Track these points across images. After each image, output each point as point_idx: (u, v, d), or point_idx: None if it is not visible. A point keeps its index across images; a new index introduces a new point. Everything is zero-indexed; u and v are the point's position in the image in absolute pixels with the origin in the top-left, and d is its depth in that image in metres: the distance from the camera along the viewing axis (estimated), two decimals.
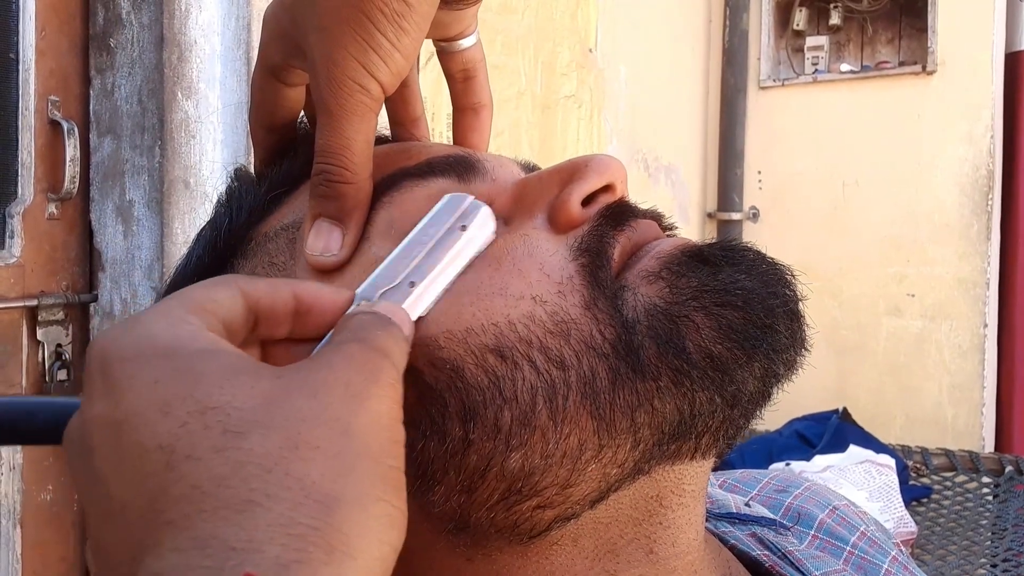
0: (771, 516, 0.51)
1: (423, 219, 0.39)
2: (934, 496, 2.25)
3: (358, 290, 0.37)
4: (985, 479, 2.31)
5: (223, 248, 0.44)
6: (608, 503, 0.38)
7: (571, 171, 0.40)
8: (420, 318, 0.37)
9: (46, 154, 1.32)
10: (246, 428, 0.27)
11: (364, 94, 0.38)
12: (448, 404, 0.36)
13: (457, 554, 0.38)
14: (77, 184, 1.34)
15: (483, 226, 0.38)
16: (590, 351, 0.36)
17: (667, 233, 0.42)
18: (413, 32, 0.38)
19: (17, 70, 1.28)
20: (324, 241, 0.39)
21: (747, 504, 0.51)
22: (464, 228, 0.38)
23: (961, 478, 2.30)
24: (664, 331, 0.36)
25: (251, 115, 0.46)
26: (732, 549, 0.48)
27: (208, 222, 0.46)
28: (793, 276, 0.39)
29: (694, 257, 0.38)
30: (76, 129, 1.33)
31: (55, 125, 1.32)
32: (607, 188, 0.40)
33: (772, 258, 0.40)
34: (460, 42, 0.46)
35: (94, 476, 0.29)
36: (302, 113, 0.47)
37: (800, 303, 0.39)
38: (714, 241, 0.40)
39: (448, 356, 0.36)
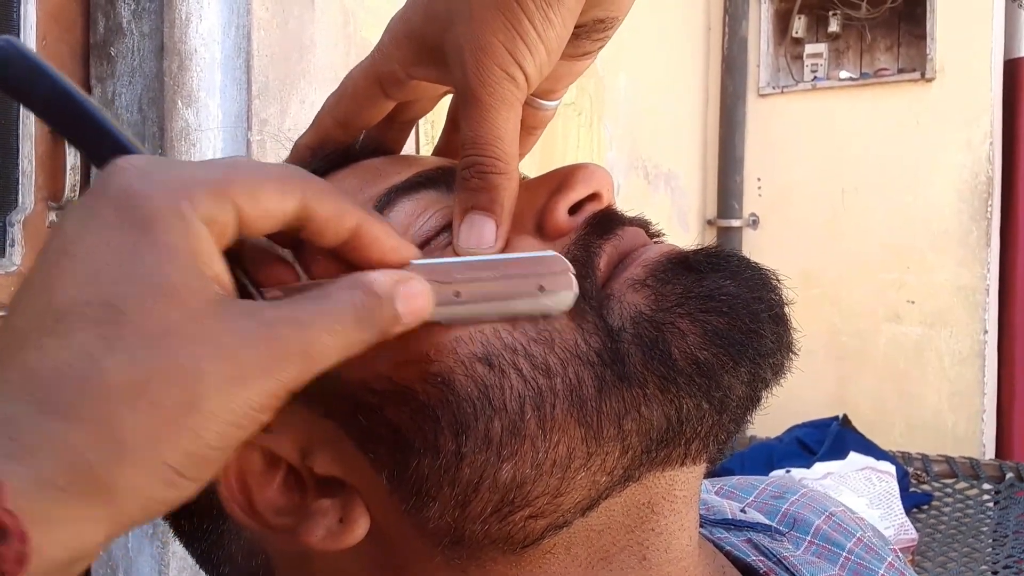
0: (767, 522, 0.51)
1: (522, 253, 0.38)
2: (934, 503, 2.25)
3: (414, 260, 0.36)
4: (986, 486, 2.30)
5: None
6: (600, 511, 0.38)
7: (558, 180, 0.40)
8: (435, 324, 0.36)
9: (46, 162, 1.32)
10: (118, 347, 0.27)
11: (511, 83, 0.37)
12: (440, 419, 0.36)
13: (452, 567, 0.39)
14: (78, 192, 1.34)
15: (558, 303, 0.37)
16: (575, 359, 0.36)
17: (654, 240, 0.42)
18: (558, 26, 0.37)
19: None
20: (478, 234, 0.38)
21: (743, 510, 0.51)
22: (542, 290, 0.36)
23: (961, 485, 2.30)
24: (650, 338, 0.36)
25: (332, 105, 0.44)
26: (727, 555, 0.48)
27: None
28: (779, 280, 0.39)
29: (679, 264, 0.39)
30: None
31: (55, 133, 1.32)
32: (593, 196, 0.41)
33: (757, 263, 0.40)
34: (547, 101, 0.45)
35: (37, 266, 0.30)
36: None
37: (786, 307, 0.39)
38: (699, 248, 0.40)
39: (438, 369, 0.36)
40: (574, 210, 0.40)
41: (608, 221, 0.40)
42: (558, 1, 0.37)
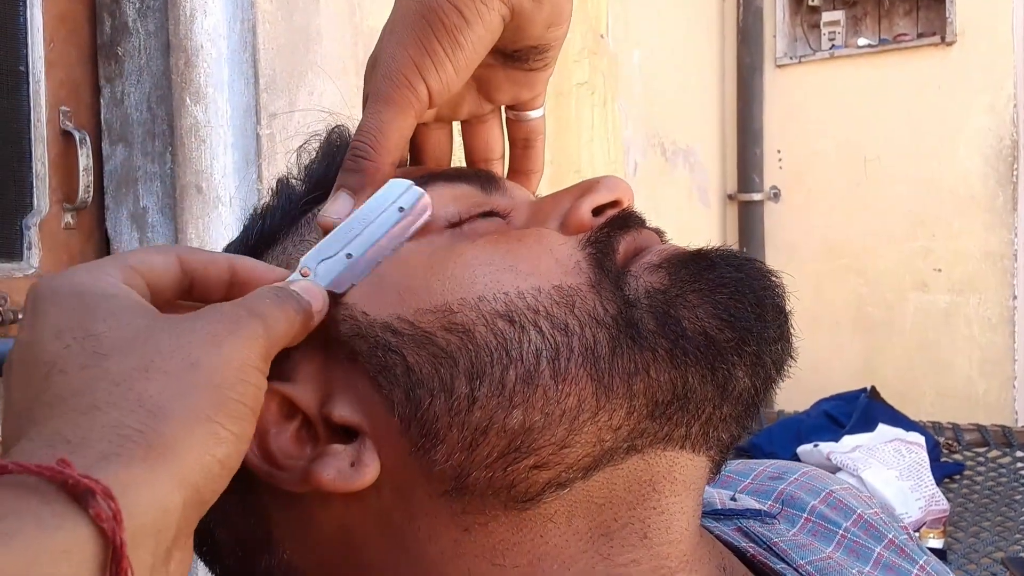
0: (757, 507, 0.51)
1: (369, 199, 0.43)
2: (967, 472, 2.23)
3: (303, 258, 0.41)
4: (1019, 453, 2.28)
5: (253, 245, 0.48)
6: (602, 482, 0.40)
7: (584, 187, 0.45)
8: (348, 291, 0.41)
9: (60, 164, 1.34)
10: (110, 351, 0.32)
11: (410, 90, 0.43)
12: (458, 363, 0.39)
13: (455, 524, 0.40)
14: (92, 193, 1.35)
15: (421, 212, 0.42)
16: (593, 321, 0.39)
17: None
18: (467, 49, 0.42)
19: (28, 83, 1.30)
20: (336, 206, 0.43)
21: (733, 498, 0.52)
22: (402, 210, 0.42)
23: (994, 453, 2.28)
24: (662, 309, 0.40)
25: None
26: None
27: (242, 228, 0.49)
28: (782, 283, 0.43)
29: (693, 255, 0.43)
30: (88, 138, 1.35)
31: (67, 135, 1.34)
32: (616, 204, 0.45)
33: (763, 263, 0.44)
34: (528, 112, 0.50)
35: (7, 385, 0.34)
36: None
37: (788, 304, 0.42)
38: (711, 248, 0.44)
39: (461, 320, 0.39)
40: (597, 213, 0.44)
41: (628, 219, 0.44)
42: (467, 26, 0.42)
